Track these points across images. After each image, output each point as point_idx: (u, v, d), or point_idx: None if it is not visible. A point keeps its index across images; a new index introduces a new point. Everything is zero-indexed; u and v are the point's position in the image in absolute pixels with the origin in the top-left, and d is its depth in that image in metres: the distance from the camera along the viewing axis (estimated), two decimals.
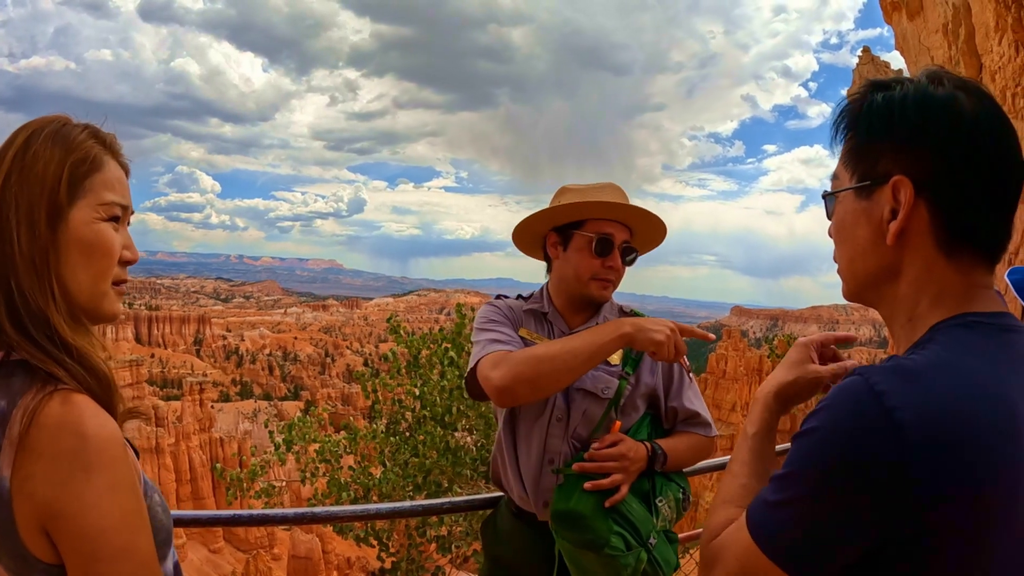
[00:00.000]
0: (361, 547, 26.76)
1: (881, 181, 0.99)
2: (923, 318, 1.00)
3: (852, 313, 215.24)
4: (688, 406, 2.27)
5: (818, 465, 0.90)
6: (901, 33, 13.99)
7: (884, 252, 1.01)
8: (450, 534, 6.39)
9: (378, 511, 2.76)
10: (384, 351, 8.32)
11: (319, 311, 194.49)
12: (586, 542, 1.96)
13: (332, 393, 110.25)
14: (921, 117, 0.96)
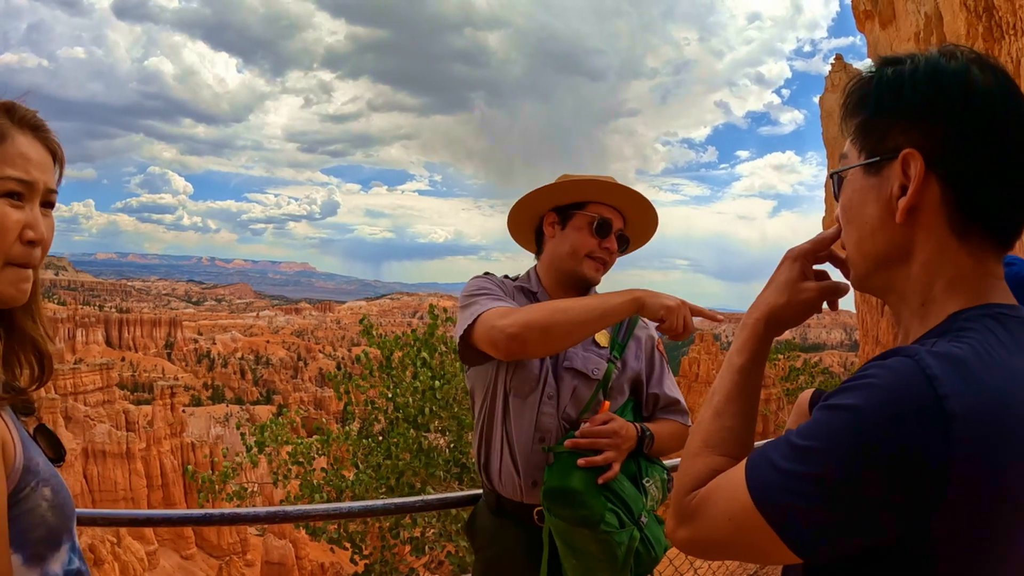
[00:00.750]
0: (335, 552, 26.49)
1: (890, 156, 0.94)
2: (938, 303, 0.94)
3: (823, 317, 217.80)
4: (669, 393, 2.34)
5: (852, 448, 0.82)
6: (873, 41, 14.23)
7: (894, 231, 0.95)
8: (423, 535, 6.35)
9: (350, 509, 2.75)
10: (357, 354, 8.27)
11: (292, 314, 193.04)
12: (581, 519, 1.97)
13: (305, 397, 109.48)
14: (932, 89, 0.92)
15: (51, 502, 1.12)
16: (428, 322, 7.47)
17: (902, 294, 0.98)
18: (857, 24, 15.18)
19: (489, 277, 2.36)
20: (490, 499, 2.29)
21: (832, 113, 28.65)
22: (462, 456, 6.69)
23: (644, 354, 2.32)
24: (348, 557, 6.78)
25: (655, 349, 2.35)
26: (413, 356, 7.20)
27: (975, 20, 8.58)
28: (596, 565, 2.01)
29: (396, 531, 6.41)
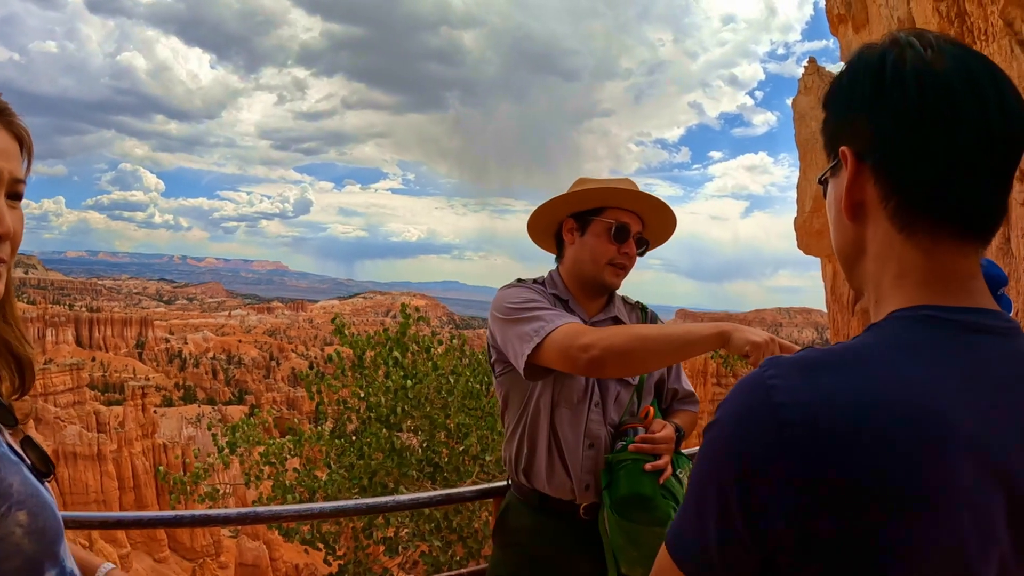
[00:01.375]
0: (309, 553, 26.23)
1: (838, 157, 0.94)
2: (884, 301, 0.92)
3: (795, 316, 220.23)
4: (686, 387, 2.53)
5: (708, 458, 0.86)
6: (847, 45, 14.39)
7: (847, 227, 0.95)
8: (396, 535, 6.33)
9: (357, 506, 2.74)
10: (329, 353, 8.24)
11: (264, 313, 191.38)
12: (654, 520, 2.09)
13: (277, 397, 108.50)
14: (851, 81, 0.92)
15: (27, 527, 1.02)
16: (400, 321, 7.43)
17: (866, 292, 0.98)
18: (831, 27, 15.34)
19: (526, 285, 2.37)
20: (531, 498, 2.33)
21: (805, 115, 28.92)
22: (435, 455, 6.67)
23: None
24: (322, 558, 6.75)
25: None
26: (385, 355, 7.17)
27: (947, 25, 8.69)
28: (655, 553, 2.08)
29: (369, 531, 6.38)
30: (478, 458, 6.56)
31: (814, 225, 28.87)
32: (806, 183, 29.26)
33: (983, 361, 0.85)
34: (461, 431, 6.67)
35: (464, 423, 6.64)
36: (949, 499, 0.77)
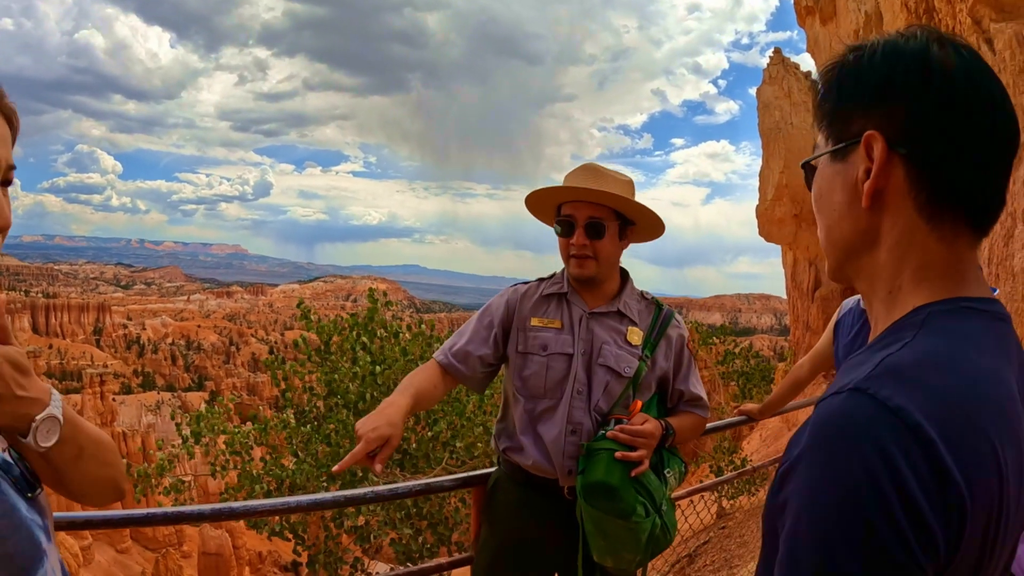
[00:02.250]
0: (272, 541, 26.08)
1: (854, 140, 0.91)
2: (905, 293, 0.91)
3: (754, 303, 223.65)
4: (693, 391, 2.50)
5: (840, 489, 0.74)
6: (813, 37, 14.54)
7: (860, 215, 0.92)
8: (367, 524, 6.28)
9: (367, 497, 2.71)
10: (291, 339, 8.12)
11: (223, 298, 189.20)
12: (617, 511, 2.13)
13: (237, 383, 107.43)
14: (890, 69, 0.89)
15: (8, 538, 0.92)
16: (367, 305, 7.33)
17: (871, 282, 0.96)
18: (798, 19, 15.47)
19: (517, 287, 2.52)
20: (517, 474, 2.42)
21: (769, 105, 29.19)
22: (403, 442, 6.61)
23: (673, 353, 2.45)
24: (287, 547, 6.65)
25: (684, 348, 2.48)
26: (352, 341, 7.08)
27: (915, 20, 8.79)
28: (621, 546, 2.19)
29: (340, 520, 6.32)
30: (448, 444, 6.53)
31: (776, 213, 29.23)
32: (768, 171, 29.58)
33: (1012, 348, 0.88)
34: (430, 417, 6.63)
35: (433, 409, 6.60)
36: None
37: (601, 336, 2.35)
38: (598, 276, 2.37)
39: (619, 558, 2.21)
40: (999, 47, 7.55)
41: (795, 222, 28.44)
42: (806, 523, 0.76)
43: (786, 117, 29.08)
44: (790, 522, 0.78)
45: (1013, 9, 6.84)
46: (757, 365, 15.39)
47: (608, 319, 2.38)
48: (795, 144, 28.38)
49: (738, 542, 9.17)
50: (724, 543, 9.54)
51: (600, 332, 2.36)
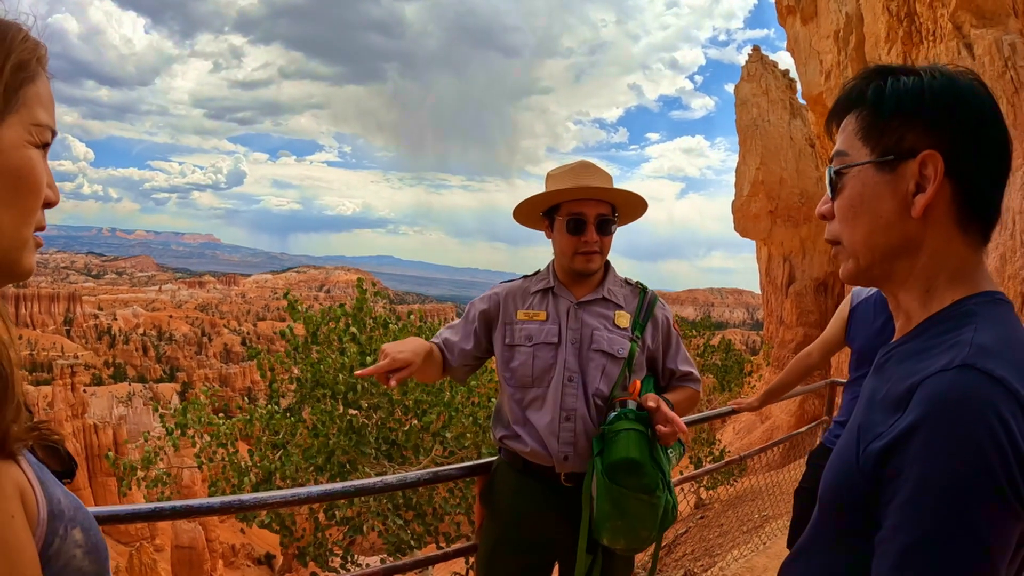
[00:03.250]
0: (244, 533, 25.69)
1: (907, 155, 1.02)
2: (941, 290, 1.04)
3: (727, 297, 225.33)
4: (683, 367, 2.60)
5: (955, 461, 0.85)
6: (793, 36, 14.69)
7: (908, 225, 1.03)
8: (359, 515, 6.29)
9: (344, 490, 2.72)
10: (263, 329, 8.06)
11: (195, 288, 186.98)
12: (642, 486, 2.18)
13: (210, 374, 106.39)
14: (951, 99, 1.01)
15: (85, 546, 0.90)
16: (354, 296, 7.29)
17: (903, 283, 1.08)
18: (779, 18, 15.62)
19: (506, 283, 2.63)
20: (515, 461, 2.50)
21: (747, 102, 29.38)
22: (391, 433, 6.63)
23: (661, 333, 2.54)
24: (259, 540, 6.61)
25: (671, 328, 2.58)
26: (341, 331, 7.07)
27: (896, 24, 8.92)
28: (640, 524, 2.23)
29: (331, 512, 6.33)
30: (438, 435, 6.55)
31: (751, 209, 29.45)
32: (745, 167, 29.77)
33: None
34: (419, 408, 6.66)
35: (422, 399, 6.63)
36: None
37: (591, 323, 2.44)
38: (597, 270, 2.49)
39: (634, 537, 2.25)
40: (979, 52, 7.70)
41: (770, 218, 28.67)
42: (936, 486, 0.86)
43: (763, 114, 29.27)
44: (911, 488, 0.88)
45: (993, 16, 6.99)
46: (735, 359, 15.57)
47: (595, 306, 2.47)
48: (772, 141, 28.58)
49: (717, 532, 9.30)
50: (703, 533, 9.68)
51: (589, 319, 2.44)
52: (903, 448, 0.89)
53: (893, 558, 0.88)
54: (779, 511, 7.72)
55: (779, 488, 7.94)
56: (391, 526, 6.24)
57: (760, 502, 8.63)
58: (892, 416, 0.94)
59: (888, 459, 0.91)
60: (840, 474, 1.02)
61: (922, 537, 0.86)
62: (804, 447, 6.59)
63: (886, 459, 0.91)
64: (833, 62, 12.10)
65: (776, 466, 9.77)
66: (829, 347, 3.60)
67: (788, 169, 28.02)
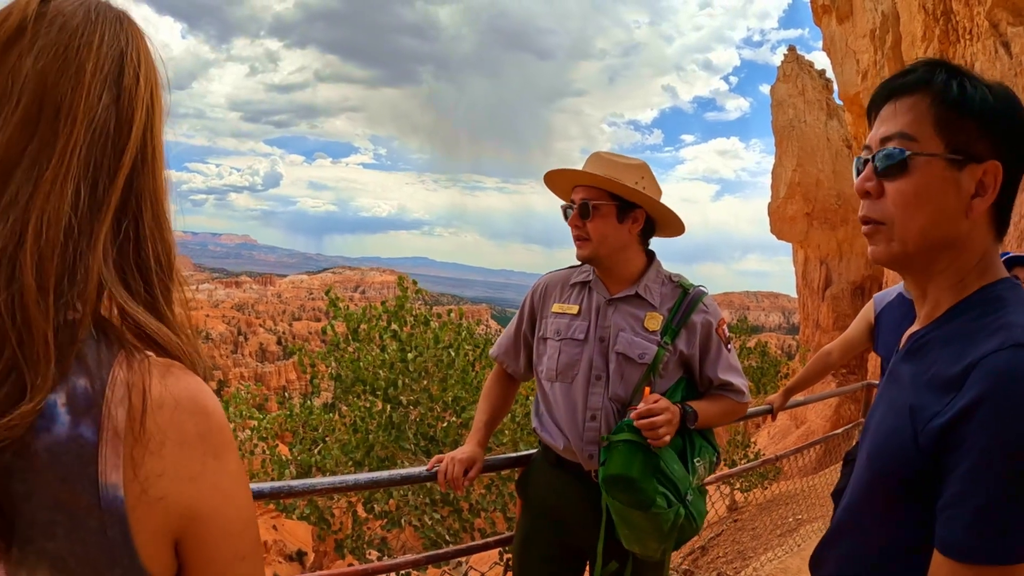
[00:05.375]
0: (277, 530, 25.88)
1: (975, 159, 1.09)
2: (970, 279, 1.13)
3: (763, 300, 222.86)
4: (722, 376, 2.39)
5: None
6: (829, 35, 14.57)
7: (961, 223, 1.11)
8: (398, 508, 6.39)
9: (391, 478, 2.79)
10: (298, 329, 8.21)
11: (232, 288, 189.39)
12: (636, 502, 2.13)
13: (245, 372, 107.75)
14: (1015, 115, 1.10)
15: None
16: (397, 295, 7.42)
17: (940, 272, 1.14)
18: (814, 17, 15.48)
19: (535, 288, 2.61)
20: (549, 456, 2.48)
21: (782, 103, 29.10)
22: (430, 429, 6.72)
23: (698, 339, 2.36)
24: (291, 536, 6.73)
25: (712, 333, 2.38)
26: (381, 329, 7.19)
27: (932, 23, 8.83)
28: (646, 536, 2.20)
29: (370, 505, 6.43)
30: None
31: (788, 211, 29.15)
32: (781, 169, 29.48)
33: None
34: (458, 404, 6.75)
35: (461, 396, 6.73)
36: None
37: (618, 323, 2.35)
38: (597, 257, 2.37)
39: (645, 546, 2.23)
40: (1016, 50, 7.59)
41: (807, 220, 28.35)
42: (1006, 452, 0.93)
43: (799, 115, 28.96)
44: (978, 455, 0.95)
45: None
46: (771, 362, 15.45)
47: (627, 304, 2.37)
48: (808, 142, 28.27)
49: (751, 534, 9.23)
50: (737, 535, 9.61)
51: (617, 319, 2.36)
52: (966, 421, 0.96)
53: (968, 518, 0.94)
54: (814, 515, 7.66)
55: (814, 492, 7.88)
56: (428, 521, 6.33)
57: (795, 506, 8.57)
58: (947, 395, 1.00)
59: (948, 434, 0.98)
60: (893, 455, 1.07)
61: (996, 497, 0.92)
62: (840, 451, 6.53)
63: (946, 434, 0.98)
64: (870, 61, 11.97)
65: (811, 470, 9.69)
66: (850, 347, 3.60)
67: (825, 171, 27.70)
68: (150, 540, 0.75)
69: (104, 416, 0.72)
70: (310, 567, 31.19)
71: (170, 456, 0.76)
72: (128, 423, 0.73)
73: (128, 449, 0.73)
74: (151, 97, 0.86)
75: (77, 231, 0.76)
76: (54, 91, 0.77)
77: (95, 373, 0.74)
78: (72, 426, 0.71)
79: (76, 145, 0.77)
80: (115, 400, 0.73)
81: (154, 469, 0.75)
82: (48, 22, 0.80)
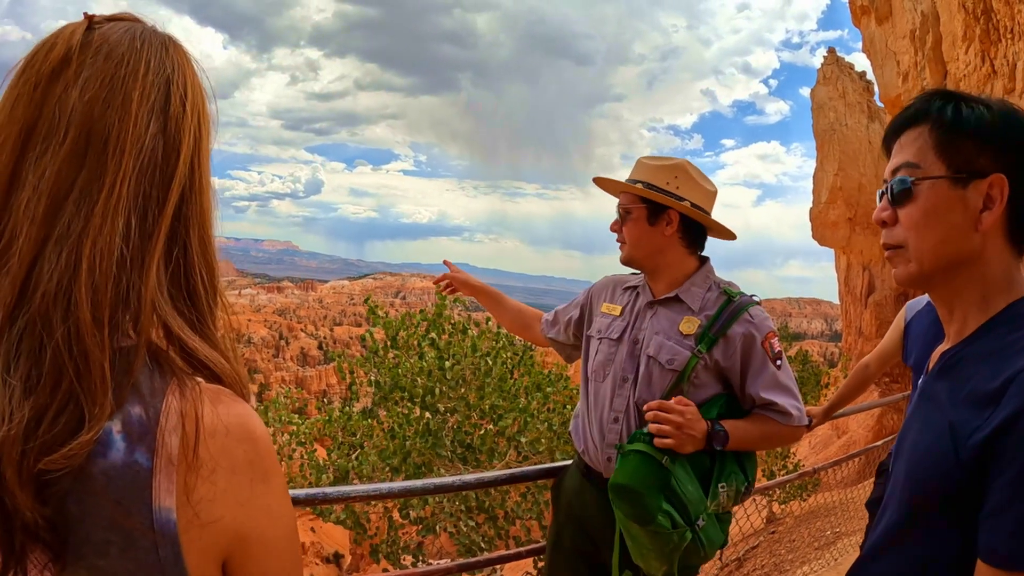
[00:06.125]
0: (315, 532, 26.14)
1: (978, 175, 1.13)
2: (995, 296, 1.15)
3: (805, 307, 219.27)
4: (765, 395, 2.22)
5: None
6: (868, 37, 14.36)
7: (973, 238, 1.14)
8: (433, 515, 6.45)
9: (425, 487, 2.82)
10: (339, 334, 8.33)
11: (274, 293, 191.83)
12: (635, 515, 2.07)
13: (286, 376, 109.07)
14: (1018, 132, 1.14)
15: None
16: (436, 302, 7.49)
17: (960, 291, 1.18)
18: (853, 19, 15.27)
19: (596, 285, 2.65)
20: (580, 463, 2.48)
21: (823, 105, 28.67)
22: (467, 436, 6.76)
23: (738, 351, 2.21)
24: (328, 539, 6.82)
25: (755, 346, 2.22)
26: (420, 336, 7.27)
27: (972, 22, 8.67)
28: (647, 552, 2.12)
29: (405, 511, 6.50)
30: (513, 439, 6.65)
31: (829, 216, 28.71)
32: (823, 173, 29.05)
33: None
34: (495, 412, 6.79)
35: (498, 404, 6.77)
36: None
37: (654, 325, 2.30)
38: (634, 260, 2.39)
39: (647, 563, 2.16)
40: None
41: (849, 225, 27.90)
42: None
43: (841, 118, 28.53)
44: (1019, 466, 0.96)
45: None
46: (811, 371, 15.18)
47: (666, 308, 2.32)
48: (850, 146, 27.83)
49: (788, 547, 9.13)
50: (774, 548, 9.51)
51: (655, 321, 2.31)
52: (1008, 433, 0.97)
53: (1011, 527, 0.95)
54: (852, 527, 7.55)
55: (853, 504, 7.77)
56: (463, 528, 6.37)
57: (833, 518, 8.46)
58: (986, 410, 1.01)
59: (990, 447, 0.99)
60: (934, 472, 1.09)
61: None
62: None
63: (988, 447, 0.99)
64: (910, 63, 11.76)
65: (851, 482, 9.53)
66: (886, 357, 3.56)
67: (867, 175, 27.23)
68: (200, 561, 0.78)
69: (158, 443, 0.75)
70: (347, 570, 31.43)
71: (221, 482, 0.78)
72: (181, 450, 0.76)
73: (181, 476, 0.76)
74: (198, 123, 0.88)
75: (129, 262, 0.79)
76: (101, 122, 0.79)
77: (149, 401, 0.77)
78: (128, 452, 0.74)
79: (125, 176, 0.79)
80: (168, 428, 0.76)
81: (206, 495, 0.77)
82: (94, 51, 0.81)
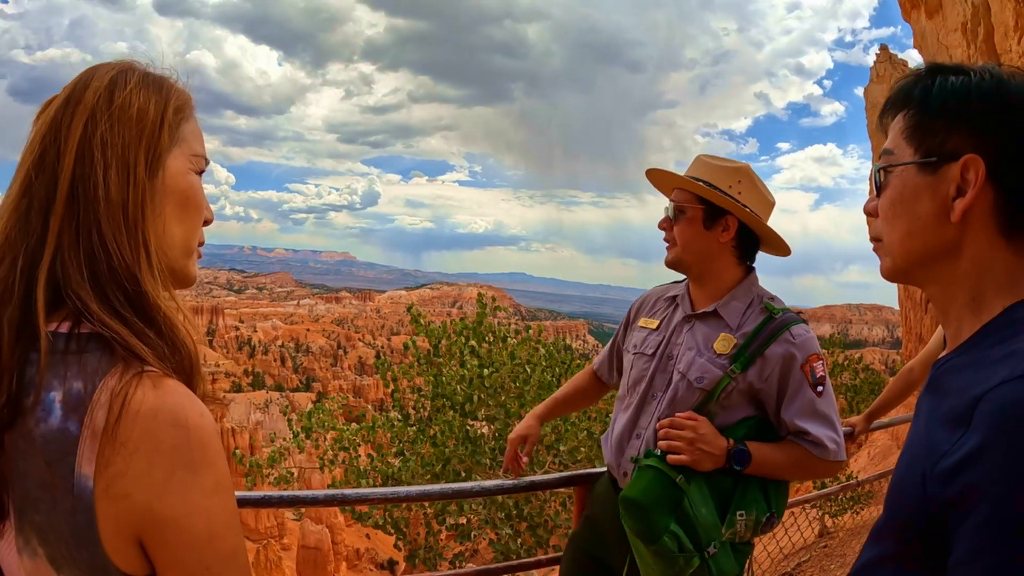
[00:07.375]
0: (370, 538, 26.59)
1: (949, 158, 0.99)
2: (990, 298, 0.99)
3: (865, 313, 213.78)
4: (799, 422, 2.08)
5: None
6: (920, 31, 13.92)
7: (946, 229, 1.00)
8: (468, 523, 6.45)
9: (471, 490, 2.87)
10: (397, 343, 8.41)
11: (332, 303, 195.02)
12: (639, 532, 2.01)
13: (344, 385, 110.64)
14: (998, 103, 0.97)
15: None
16: (477, 311, 7.51)
17: (947, 287, 1.04)
18: (903, 14, 14.82)
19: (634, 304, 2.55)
20: (609, 472, 2.43)
21: (877, 105, 27.91)
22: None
23: (775, 373, 2.08)
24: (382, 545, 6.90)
25: (794, 369, 2.07)
26: (461, 345, 7.29)
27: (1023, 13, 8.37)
28: (652, 570, 2.05)
29: (442, 518, 6.51)
30: (552, 448, 6.61)
31: None
32: None
33: None
34: None
35: None
36: None
37: (688, 340, 2.19)
38: (682, 264, 2.23)
39: None
40: None
41: None
42: (1018, 504, 0.79)
43: None
44: (990, 508, 0.81)
45: None
46: (867, 379, 14.66)
47: (703, 323, 2.19)
48: None
49: (839, 562, 8.84)
50: (824, 563, 9.22)
51: (689, 336, 2.19)
52: (973, 466, 0.83)
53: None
54: None
55: None
56: (502, 535, 6.35)
57: None
58: (955, 432, 0.87)
59: (956, 478, 0.85)
60: (907, 499, 0.94)
61: (1008, 556, 0.80)
62: None
63: (954, 479, 0.85)
64: (963, 56, 11.36)
65: None
66: (931, 360, 3.43)
67: None
68: (114, 533, 0.85)
69: (88, 416, 0.84)
70: None
71: (140, 462, 0.85)
72: (105, 426, 0.84)
73: (102, 448, 0.84)
74: (92, 125, 0.96)
75: (32, 253, 0.91)
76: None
77: (90, 379, 0.86)
78: (62, 420, 0.85)
79: (16, 176, 0.96)
80: (100, 403, 0.85)
81: (120, 470, 0.84)
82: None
